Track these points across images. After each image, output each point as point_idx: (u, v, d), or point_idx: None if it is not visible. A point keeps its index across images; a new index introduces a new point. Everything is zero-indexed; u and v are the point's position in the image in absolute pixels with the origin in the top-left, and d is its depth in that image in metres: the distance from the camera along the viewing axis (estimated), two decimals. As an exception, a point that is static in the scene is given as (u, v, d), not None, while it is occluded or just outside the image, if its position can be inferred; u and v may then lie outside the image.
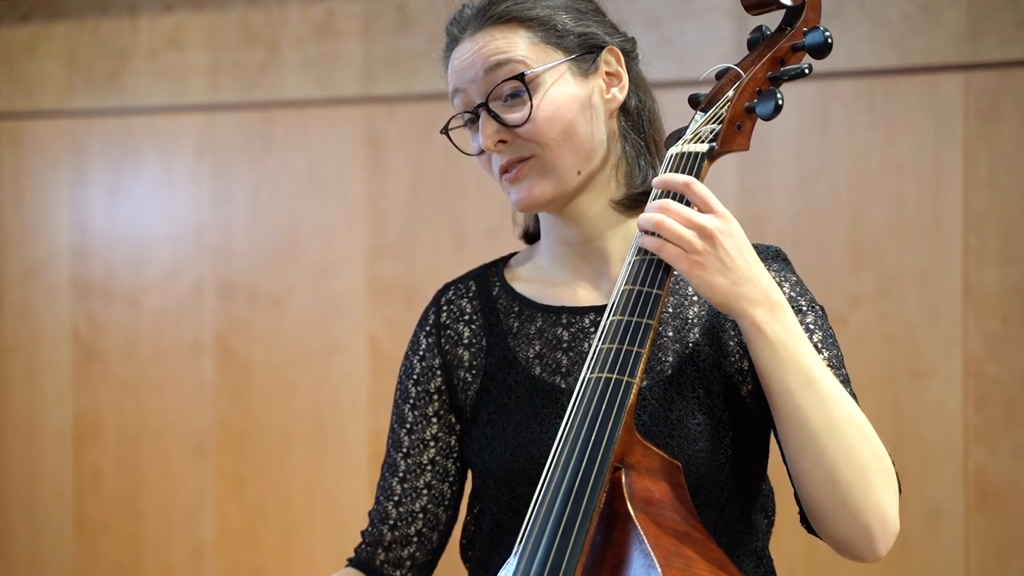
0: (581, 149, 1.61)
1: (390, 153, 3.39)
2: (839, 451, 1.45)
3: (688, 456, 1.54)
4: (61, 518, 3.65)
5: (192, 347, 3.54)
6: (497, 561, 1.62)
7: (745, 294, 1.44)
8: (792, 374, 1.45)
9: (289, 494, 3.46)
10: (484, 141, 1.60)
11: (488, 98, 1.60)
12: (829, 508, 1.47)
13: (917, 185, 2.98)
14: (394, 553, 1.72)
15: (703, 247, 1.43)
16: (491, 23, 1.61)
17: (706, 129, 1.56)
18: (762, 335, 1.45)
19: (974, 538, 2.93)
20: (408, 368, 1.73)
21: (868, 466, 1.46)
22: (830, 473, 1.45)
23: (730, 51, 3.04)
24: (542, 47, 1.60)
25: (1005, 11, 2.91)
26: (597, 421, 1.41)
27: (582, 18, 1.63)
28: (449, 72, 1.65)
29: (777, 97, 1.52)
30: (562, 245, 1.67)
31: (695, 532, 1.42)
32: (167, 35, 3.56)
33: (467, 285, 1.74)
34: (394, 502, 1.71)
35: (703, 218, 1.44)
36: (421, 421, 1.71)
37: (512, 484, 1.60)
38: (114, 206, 3.62)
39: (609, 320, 1.47)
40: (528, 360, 1.64)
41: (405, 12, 3.37)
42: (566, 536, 1.37)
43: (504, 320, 1.68)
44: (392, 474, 1.72)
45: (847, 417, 1.46)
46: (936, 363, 2.95)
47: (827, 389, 1.46)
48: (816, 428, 1.45)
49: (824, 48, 1.57)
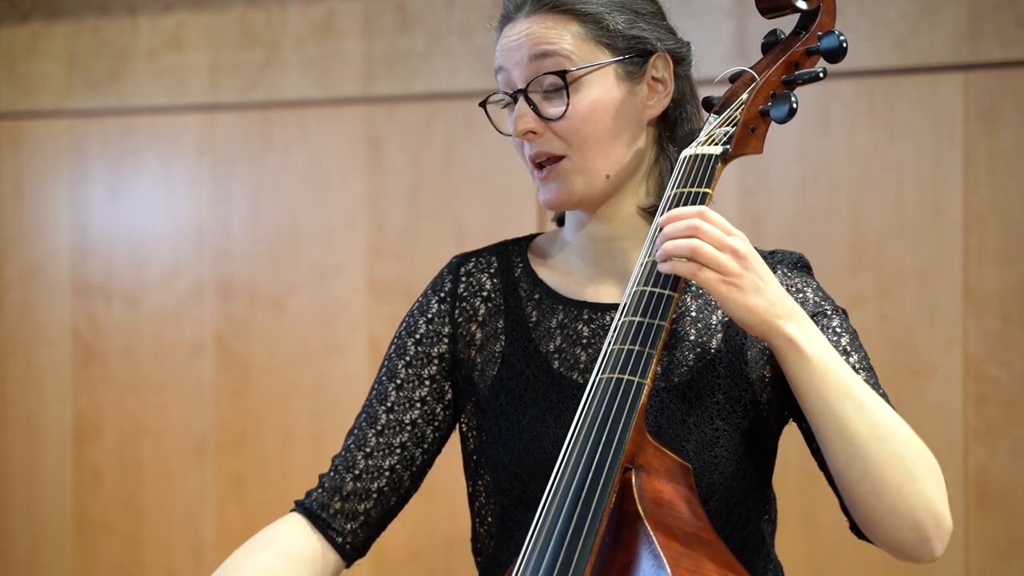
0: (612, 154, 1.60)
1: (390, 153, 3.39)
2: (885, 457, 1.45)
3: (704, 460, 1.55)
4: (61, 518, 3.65)
5: (192, 347, 3.54)
6: (506, 557, 1.62)
7: (779, 313, 1.45)
8: (830, 386, 1.45)
9: (289, 494, 3.44)
10: (515, 127, 1.60)
11: (528, 85, 1.59)
12: (882, 515, 1.47)
13: (917, 185, 2.98)
14: (351, 504, 1.67)
15: (738, 269, 1.43)
16: (545, 9, 1.59)
17: (720, 131, 1.56)
18: (799, 351, 1.45)
19: (974, 538, 2.93)
20: (411, 326, 1.70)
21: (915, 467, 1.46)
22: (878, 481, 1.45)
23: (730, 51, 3.05)
24: (591, 45, 1.59)
25: (1005, 11, 2.91)
26: (608, 421, 1.42)
27: (637, 20, 1.62)
28: (497, 48, 1.64)
29: (792, 100, 1.53)
30: (588, 240, 1.67)
31: (704, 534, 1.43)
32: (167, 35, 3.56)
33: (488, 260, 1.72)
34: (364, 453, 1.67)
35: (733, 240, 1.44)
36: (413, 380, 1.68)
37: (523, 478, 1.59)
38: (114, 206, 3.62)
39: (621, 321, 1.47)
40: (548, 353, 1.63)
41: (405, 12, 3.37)
42: (576, 536, 1.37)
43: (524, 306, 1.66)
44: (369, 425, 1.68)
45: (886, 422, 1.46)
46: (936, 363, 2.94)
47: (864, 397, 1.46)
48: (860, 438, 1.45)
49: (839, 52, 1.58)
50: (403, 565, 3.32)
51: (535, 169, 1.62)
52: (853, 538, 1.57)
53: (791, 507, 3.07)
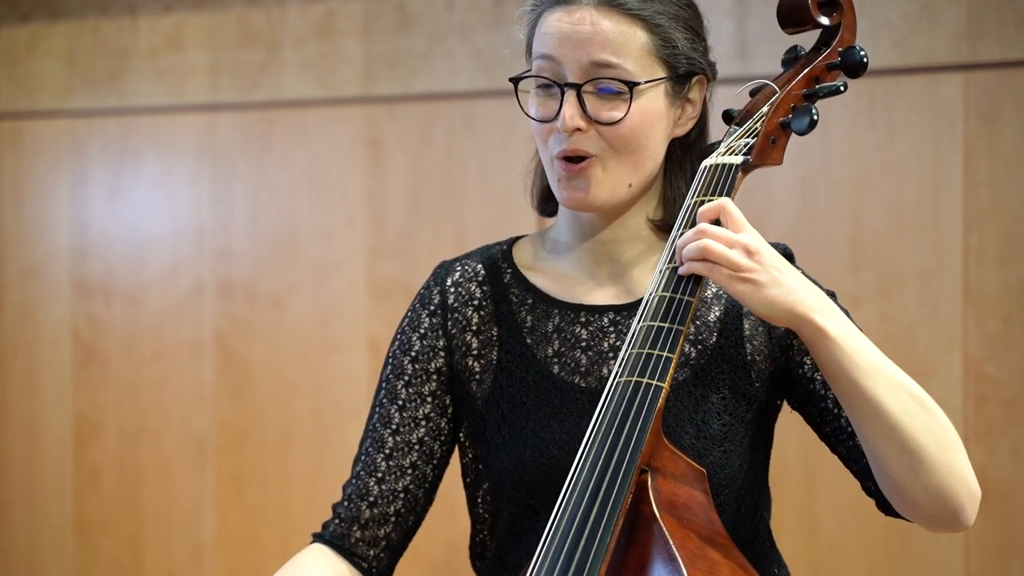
0: (642, 165, 1.60)
1: (390, 153, 3.39)
2: (918, 431, 1.47)
3: (714, 457, 1.56)
4: (61, 518, 3.65)
5: (192, 347, 3.54)
6: (514, 561, 1.62)
7: (801, 300, 1.46)
8: (859, 367, 1.46)
9: (289, 494, 3.46)
10: (565, 122, 1.56)
11: (584, 83, 1.57)
12: (920, 489, 1.49)
13: (917, 185, 2.98)
14: (371, 532, 1.67)
15: (751, 264, 1.45)
16: (618, 10, 1.57)
17: (740, 143, 1.58)
18: (826, 336, 1.46)
19: (974, 538, 2.93)
20: (405, 344, 1.69)
21: (945, 439, 1.49)
22: (915, 455, 1.47)
23: (730, 51, 3.05)
24: (653, 58, 1.58)
25: (1005, 11, 2.91)
26: (627, 423, 1.43)
27: (695, 41, 1.61)
28: (545, 31, 1.59)
29: (812, 113, 1.54)
30: (589, 241, 1.66)
31: (719, 537, 1.45)
32: (167, 35, 3.56)
33: (474, 268, 1.70)
34: (377, 479, 1.67)
35: (743, 236, 1.46)
36: (415, 399, 1.67)
37: (531, 484, 1.59)
38: (114, 206, 3.62)
39: (639, 325, 1.48)
40: (546, 358, 1.63)
41: (405, 12, 3.37)
42: (592, 534, 1.38)
43: (517, 312, 1.66)
44: (377, 450, 1.67)
45: (917, 395, 1.48)
46: (936, 363, 2.95)
47: (892, 373, 1.48)
48: (894, 415, 1.46)
49: (860, 68, 1.59)
50: (403, 564, 3.31)
51: (559, 161, 1.60)
52: (853, 537, 1.59)
53: (791, 507, 3.07)
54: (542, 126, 1.60)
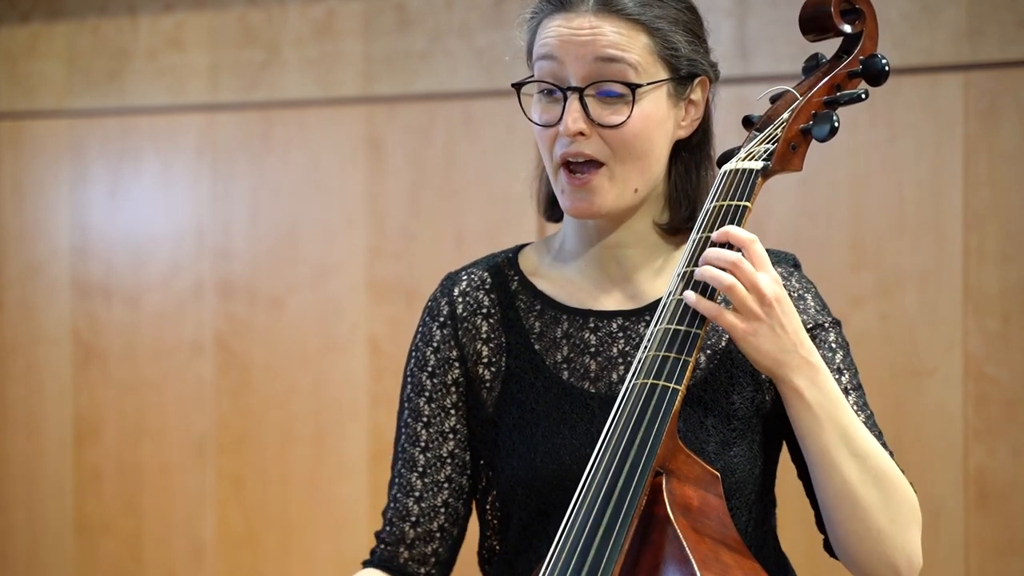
0: (647, 170, 1.60)
1: (390, 153, 3.39)
2: (873, 502, 1.51)
3: (725, 461, 1.57)
4: (61, 518, 3.65)
5: (192, 347, 3.54)
6: (524, 565, 1.63)
7: (788, 362, 1.48)
8: (828, 434, 1.50)
9: (289, 494, 3.46)
10: (568, 126, 1.56)
11: (586, 86, 1.57)
12: (862, 553, 1.53)
13: (917, 185, 2.98)
14: (418, 550, 1.68)
15: (759, 313, 1.46)
16: (615, 13, 1.57)
17: (760, 148, 1.58)
18: (801, 399, 1.49)
19: (974, 538, 2.93)
20: (421, 360, 1.69)
21: (898, 513, 1.52)
22: (864, 523, 1.51)
23: (730, 51, 3.05)
24: (654, 59, 1.58)
25: (1005, 11, 2.91)
26: (643, 425, 1.44)
27: (696, 43, 1.61)
28: (547, 34, 1.59)
29: (833, 120, 1.56)
30: (595, 246, 1.66)
31: (732, 541, 1.46)
32: (167, 35, 3.56)
33: (480, 276, 1.70)
34: (415, 498, 1.67)
35: (764, 283, 1.46)
36: (439, 414, 1.68)
37: (541, 490, 1.59)
38: (114, 206, 3.62)
39: (657, 328, 1.49)
40: (556, 365, 1.63)
41: (405, 12, 3.37)
42: (607, 534, 1.39)
43: (524, 318, 1.66)
44: (410, 470, 1.68)
45: (880, 469, 1.51)
46: (936, 363, 2.95)
47: (861, 446, 1.51)
48: (851, 483, 1.50)
49: (882, 76, 1.61)
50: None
51: (562, 167, 1.60)
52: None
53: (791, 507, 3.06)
54: (545, 131, 1.60)
